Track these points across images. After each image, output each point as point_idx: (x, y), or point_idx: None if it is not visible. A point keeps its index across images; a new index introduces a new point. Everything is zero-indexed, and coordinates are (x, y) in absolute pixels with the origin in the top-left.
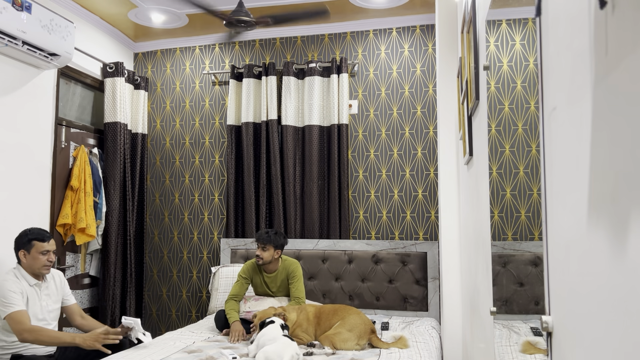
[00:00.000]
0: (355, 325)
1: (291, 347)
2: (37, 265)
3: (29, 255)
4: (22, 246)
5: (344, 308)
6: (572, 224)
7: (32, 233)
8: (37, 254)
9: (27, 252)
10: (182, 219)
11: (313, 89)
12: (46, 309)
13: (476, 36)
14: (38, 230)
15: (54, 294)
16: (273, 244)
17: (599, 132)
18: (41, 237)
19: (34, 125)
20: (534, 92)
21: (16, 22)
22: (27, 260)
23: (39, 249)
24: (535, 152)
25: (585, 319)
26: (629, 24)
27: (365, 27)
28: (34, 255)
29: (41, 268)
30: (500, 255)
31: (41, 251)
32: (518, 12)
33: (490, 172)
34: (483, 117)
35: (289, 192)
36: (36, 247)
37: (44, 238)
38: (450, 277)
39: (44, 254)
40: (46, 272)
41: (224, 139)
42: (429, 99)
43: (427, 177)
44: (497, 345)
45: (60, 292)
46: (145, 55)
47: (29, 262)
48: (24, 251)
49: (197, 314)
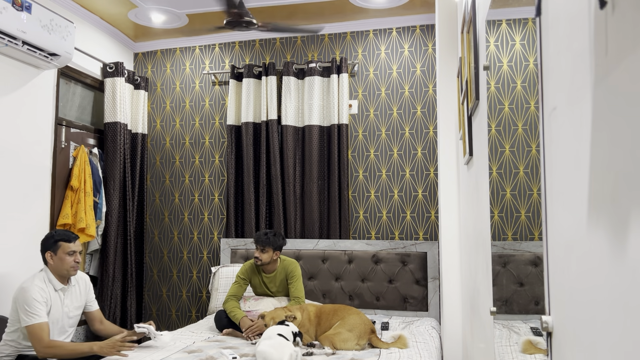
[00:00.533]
0: (355, 325)
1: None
2: (65, 267)
3: (55, 256)
4: (49, 247)
5: (344, 308)
6: (572, 224)
7: (57, 234)
8: (64, 255)
9: (54, 253)
10: (182, 219)
11: (313, 89)
12: (67, 315)
13: (476, 36)
14: (63, 231)
15: (77, 299)
16: (272, 246)
17: (599, 132)
18: (67, 237)
19: (34, 125)
20: (534, 92)
21: (16, 22)
22: (54, 262)
23: (65, 249)
24: (535, 152)
25: (585, 319)
26: (629, 24)
27: (365, 27)
28: (60, 257)
29: (69, 269)
30: (500, 255)
31: (67, 252)
32: (518, 12)
33: (490, 172)
34: (483, 117)
35: (289, 192)
36: (62, 248)
37: (69, 239)
38: (450, 277)
39: (71, 254)
40: (74, 273)
41: (224, 139)
42: (429, 99)
43: (427, 177)
44: (497, 345)
45: (84, 297)
46: (145, 55)
47: (56, 263)
48: (50, 252)
49: (197, 314)
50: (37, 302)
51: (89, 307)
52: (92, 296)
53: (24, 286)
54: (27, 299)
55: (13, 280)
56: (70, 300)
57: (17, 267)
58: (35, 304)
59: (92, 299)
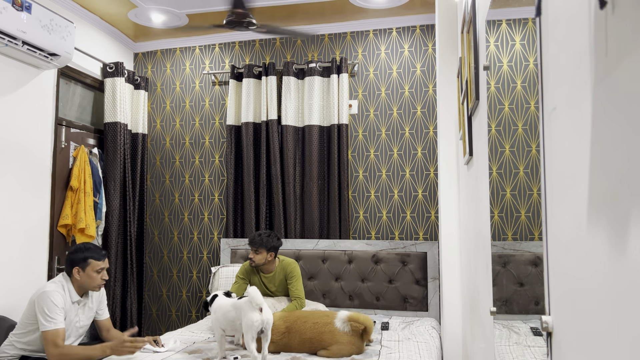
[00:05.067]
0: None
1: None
2: (93, 284)
3: (83, 272)
4: (77, 263)
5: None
6: (572, 224)
7: (88, 250)
8: (93, 272)
9: (82, 270)
10: (182, 219)
11: (313, 89)
12: (76, 325)
13: (476, 36)
14: (94, 248)
15: (90, 311)
16: (265, 247)
17: (599, 132)
18: (97, 255)
19: (34, 125)
20: (534, 92)
21: (16, 22)
22: (82, 278)
23: (94, 267)
24: (535, 152)
25: (585, 319)
26: (629, 24)
27: (365, 27)
28: (89, 274)
29: (95, 287)
30: (500, 255)
31: (97, 269)
32: (518, 12)
33: (490, 172)
34: (483, 117)
35: (289, 192)
36: (92, 266)
37: (100, 257)
38: (450, 277)
39: (99, 272)
40: (99, 289)
41: (224, 139)
42: (429, 99)
43: (427, 177)
44: (497, 345)
45: (95, 307)
46: (145, 55)
47: (84, 279)
48: (78, 268)
49: (197, 314)
50: (57, 308)
51: (99, 315)
52: (104, 305)
53: (46, 290)
54: (48, 303)
55: (13, 280)
56: (83, 312)
57: (17, 268)
58: (55, 309)
59: (104, 307)
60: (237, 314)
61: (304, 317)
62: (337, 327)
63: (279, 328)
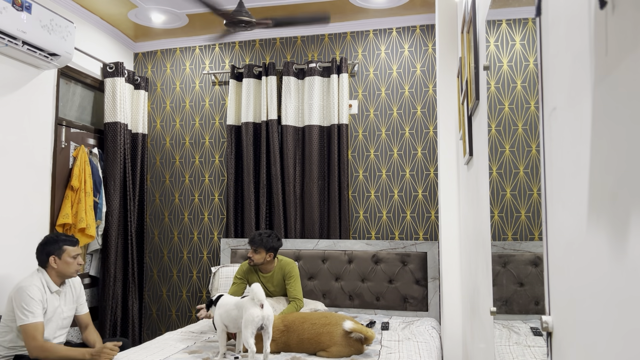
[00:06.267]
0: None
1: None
2: (70, 270)
3: (60, 260)
4: (53, 252)
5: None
6: (572, 224)
7: (61, 239)
8: (69, 259)
9: (59, 257)
10: (182, 219)
11: (313, 89)
12: (61, 316)
13: (476, 36)
14: (65, 236)
15: (70, 301)
16: (264, 247)
17: (599, 132)
18: (71, 242)
19: (34, 125)
20: (534, 92)
21: (16, 22)
22: (59, 266)
23: (70, 253)
24: (535, 152)
25: (585, 319)
26: (629, 24)
27: (365, 27)
28: (65, 260)
29: (73, 273)
30: (500, 255)
31: (72, 255)
32: (518, 12)
33: (490, 172)
34: (483, 117)
35: (289, 192)
36: (68, 252)
37: (73, 243)
38: (450, 277)
39: (75, 257)
40: (75, 275)
41: (224, 139)
42: (429, 99)
43: (427, 177)
44: (497, 345)
45: (75, 299)
46: (145, 55)
47: (61, 267)
48: (54, 257)
49: (197, 314)
50: (35, 301)
51: (77, 310)
52: (82, 299)
53: (21, 285)
54: (24, 297)
55: (12, 280)
56: (65, 301)
57: (17, 267)
58: (32, 303)
59: (82, 302)
60: (239, 313)
61: (302, 318)
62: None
63: (277, 326)
